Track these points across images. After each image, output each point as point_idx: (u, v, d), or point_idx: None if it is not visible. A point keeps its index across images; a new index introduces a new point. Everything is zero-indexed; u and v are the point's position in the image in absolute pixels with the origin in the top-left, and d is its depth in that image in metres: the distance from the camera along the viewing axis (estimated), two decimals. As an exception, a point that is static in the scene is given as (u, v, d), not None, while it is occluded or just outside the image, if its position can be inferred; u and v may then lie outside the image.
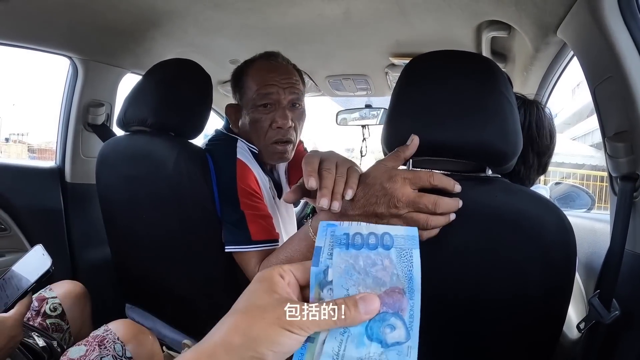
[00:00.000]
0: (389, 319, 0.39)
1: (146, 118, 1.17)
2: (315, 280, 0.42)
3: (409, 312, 0.40)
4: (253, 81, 1.20)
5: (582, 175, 7.31)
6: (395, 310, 0.40)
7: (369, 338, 0.39)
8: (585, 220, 1.23)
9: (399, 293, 0.40)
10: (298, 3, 1.29)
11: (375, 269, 0.41)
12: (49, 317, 1.14)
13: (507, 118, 0.74)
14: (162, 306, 1.35)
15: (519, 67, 1.51)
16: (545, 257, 0.72)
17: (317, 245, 0.43)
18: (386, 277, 0.41)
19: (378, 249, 0.42)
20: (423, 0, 1.23)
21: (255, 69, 1.22)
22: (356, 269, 0.41)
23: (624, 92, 0.80)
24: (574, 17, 0.96)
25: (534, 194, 0.76)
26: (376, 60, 1.78)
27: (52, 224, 1.57)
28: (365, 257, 0.42)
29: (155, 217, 1.20)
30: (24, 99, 12.50)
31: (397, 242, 0.43)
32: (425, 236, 0.70)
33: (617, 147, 0.83)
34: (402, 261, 0.42)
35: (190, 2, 1.31)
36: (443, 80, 0.78)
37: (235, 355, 0.37)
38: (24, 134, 7.99)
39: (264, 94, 1.18)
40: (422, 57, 0.84)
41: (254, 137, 1.23)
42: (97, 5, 1.31)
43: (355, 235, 0.43)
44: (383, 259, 0.42)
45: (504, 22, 1.27)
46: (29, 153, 7.58)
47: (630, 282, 0.81)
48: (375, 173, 0.72)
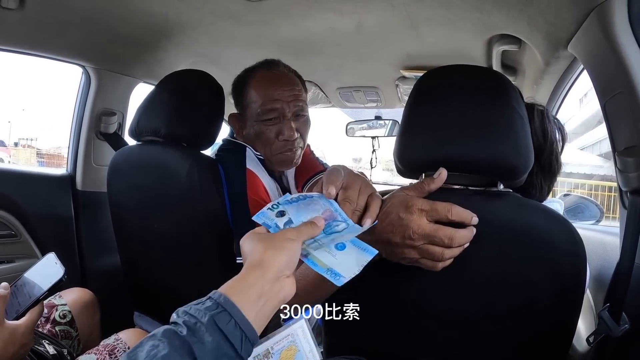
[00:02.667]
0: (332, 223, 0.67)
1: (159, 128, 1.18)
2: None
3: (338, 214, 0.68)
4: (257, 94, 1.20)
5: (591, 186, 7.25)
6: (332, 218, 0.67)
7: (328, 234, 0.65)
8: (595, 233, 1.23)
9: (328, 210, 0.68)
10: (310, 16, 1.30)
11: (313, 206, 0.69)
12: (59, 324, 1.14)
13: (519, 133, 0.75)
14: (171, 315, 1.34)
15: (529, 80, 1.51)
16: (556, 269, 0.72)
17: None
18: (319, 208, 0.68)
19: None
20: (434, 14, 1.24)
21: (257, 80, 1.22)
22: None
23: (634, 107, 0.81)
24: (585, 33, 0.96)
25: (545, 208, 0.76)
26: (387, 72, 1.79)
27: (63, 230, 1.58)
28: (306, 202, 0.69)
29: (166, 227, 1.20)
30: (34, 103, 12.70)
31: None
32: (440, 267, 0.70)
33: (627, 162, 0.83)
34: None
35: (202, 14, 1.32)
36: (455, 96, 0.79)
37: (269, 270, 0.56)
38: (34, 139, 8.06)
39: (269, 109, 1.18)
40: (434, 72, 0.85)
41: (260, 147, 1.23)
42: (111, 17, 1.33)
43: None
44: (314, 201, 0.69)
45: (514, 36, 1.28)
46: (38, 158, 7.64)
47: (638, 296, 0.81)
48: (393, 200, 0.73)
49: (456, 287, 0.76)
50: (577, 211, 1.56)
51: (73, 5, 1.25)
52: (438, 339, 0.81)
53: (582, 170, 8.21)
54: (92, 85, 1.57)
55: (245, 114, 1.24)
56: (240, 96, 1.25)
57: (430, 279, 0.76)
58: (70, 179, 1.63)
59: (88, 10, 1.28)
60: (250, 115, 1.22)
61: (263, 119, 1.19)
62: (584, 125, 8.96)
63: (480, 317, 0.77)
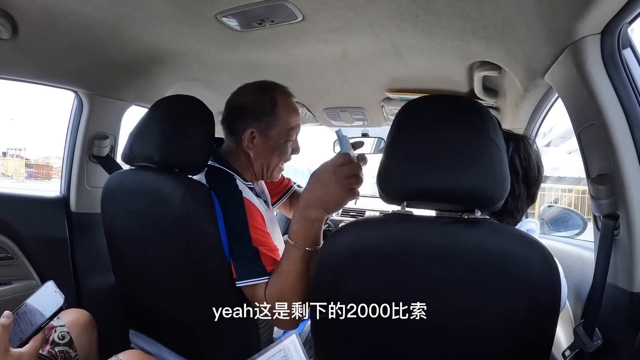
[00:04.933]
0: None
1: (152, 155, 1.20)
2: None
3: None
4: (288, 115, 1.30)
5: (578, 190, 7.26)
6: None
7: None
8: (575, 248, 1.28)
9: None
10: (297, 44, 1.34)
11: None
12: (58, 345, 1.16)
13: (495, 163, 0.78)
14: (167, 334, 1.37)
15: (509, 103, 1.55)
16: (531, 295, 0.76)
17: None
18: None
19: None
20: (416, 42, 1.28)
21: (285, 101, 1.32)
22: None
23: (605, 139, 0.85)
24: (560, 66, 1.00)
25: (521, 235, 0.81)
26: (372, 94, 1.83)
27: (58, 252, 1.59)
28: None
29: (161, 252, 1.22)
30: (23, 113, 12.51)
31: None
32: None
33: (599, 190, 0.88)
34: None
35: (192, 42, 1.35)
36: (433, 127, 0.83)
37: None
38: (22, 149, 7.92)
39: (296, 131, 1.33)
40: (414, 103, 0.89)
41: (262, 160, 1.32)
42: (103, 45, 1.35)
43: None
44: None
45: (494, 63, 1.32)
46: (27, 168, 7.53)
47: (612, 313, 0.86)
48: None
49: (434, 314, 0.80)
50: (562, 221, 1.60)
51: (65, 34, 1.27)
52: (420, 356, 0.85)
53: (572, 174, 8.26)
54: (85, 109, 1.60)
55: (271, 130, 1.30)
56: (271, 114, 1.29)
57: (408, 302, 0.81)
58: (64, 201, 1.65)
59: (80, 39, 1.30)
60: (278, 133, 1.30)
61: (289, 139, 1.32)
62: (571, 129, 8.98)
63: (459, 338, 0.81)
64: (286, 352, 1.14)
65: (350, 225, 0.90)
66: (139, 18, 1.20)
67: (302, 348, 1.14)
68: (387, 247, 0.83)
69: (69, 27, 1.23)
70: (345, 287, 0.85)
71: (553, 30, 0.95)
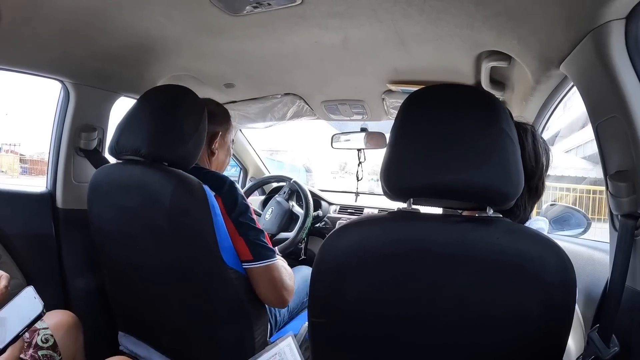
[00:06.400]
0: None
1: (140, 148, 1.15)
2: None
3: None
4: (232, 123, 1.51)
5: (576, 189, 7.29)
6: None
7: None
8: (585, 249, 1.23)
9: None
10: (295, 31, 1.28)
11: None
12: (41, 348, 1.12)
13: (510, 158, 0.74)
14: (157, 336, 1.33)
15: (517, 96, 1.51)
16: (545, 296, 0.72)
17: None
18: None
19: None
20: (423, 30, 1.22)
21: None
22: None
23: (627, 132, 0.80)
24: (579, 54, 0.95)
25: (537, 235, 0.76)
26: (373, 86, 1.78)
27: (44, 250, 1.53)
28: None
29: (151, 249, 1.18)
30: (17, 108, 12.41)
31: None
32: None
33: (619, 187, 0.83)
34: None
35: (184, 28, 1.29)
36: (443, 119, 0.78)
37: None
38: (17, 145, 7.89)
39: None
40: (421, 92, 0.83)
41: (222, 159, 1.48)
42: (90, 31, 1.29)
43: None
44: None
45: (504, 53, 1.27)
46: (21, 164, 7.49)
47: (630, 318, 0.81)
48: None
49: (442, 317, 0.76)
50: (564, 220, 1.56)
51: (51, 20, 1.21)
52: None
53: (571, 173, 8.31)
54: (71, 100, 1.53)
55: (227, 134, 1.47)
56: (228, 121, 1.48)
57: (416, 305, 0.76)
58: (50, 196, 1.59)
59: (66, 25, 1.24)
60: (229, 136, 1.49)
61: (233, 142, 1.53)
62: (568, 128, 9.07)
63: (468, 342, 0.77)
64: (282, 355, 1.12)
65: (352, 224, 0.83)
66: (127, 2, 1.14)
67: (298, 351, 1.12)
68: (393, 247, 0.78)
69: (54, 12, 1.17)
70: (347, 290, 0.79)
71: (574, 15, 0.89)
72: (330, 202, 2.57)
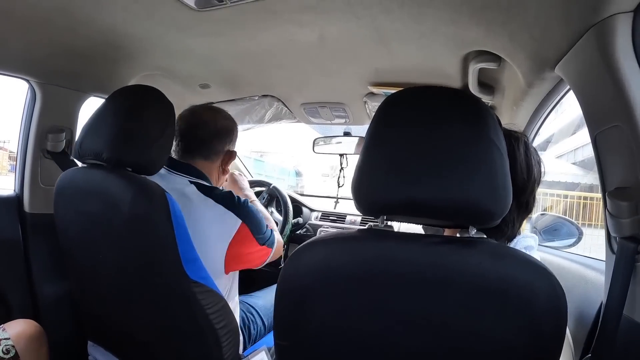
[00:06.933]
0: None
1: (101, 152, 1.09)
2: None
3: None
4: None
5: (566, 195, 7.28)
6: None
7: None
8: (576, 266, 1.19)
9: None
10: (267, 28, 1.23)
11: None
12: (2, 359, 1.10)
13: (497, 171, 0.66)
14: (124, 348, 1.28)
15: (508, 101, 1.44)
16: (534, 327, 0.64)
17: None
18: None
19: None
20: (404, 27, 1.15)
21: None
22: None
23: (632, 144, 0.73)
24: (577, 54, 0.88)
25: (522, 258, 0.68)
26: (354, 88, 1.72)
27: (10, 256, 1.48)
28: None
29: (113, 258, 1.12)
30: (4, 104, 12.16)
31: None
32: None
33: (620, 206, 0.76)
34: None
35: (150, 24, 1.24)
36: (422, 125, 0.69)
37: None
38: (6, 141, 7.79)
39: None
40: (399, 95, 0.75)
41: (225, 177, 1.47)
42: (52, 27, 1.23)
43: None
44: None
45: (494, 53, 1.20)
46: (10, 161, 7.40)
47: (626, 351, 0.76)
48: None
49: (418, 349, 0.68)
50: (555, 230, 1.53)
51: (12, 14, 1.15)
52: None
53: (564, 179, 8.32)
54: (38, 100, 1.47)
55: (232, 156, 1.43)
56: (235, 136, 1.43)
57: (387, 336, 0.69)
58: (17, 200, 1.53)
59: (28, 20, 1.18)
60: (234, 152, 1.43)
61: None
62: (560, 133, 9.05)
63: None
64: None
65: (317, 242, 0.75)
66: None
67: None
68: (361, 269, 0.69)
69: (10, 6, 1.12)
70: (311, 314, 0.72)
71: (574, 8, 0.81)
72: (312, 209, 2.51)
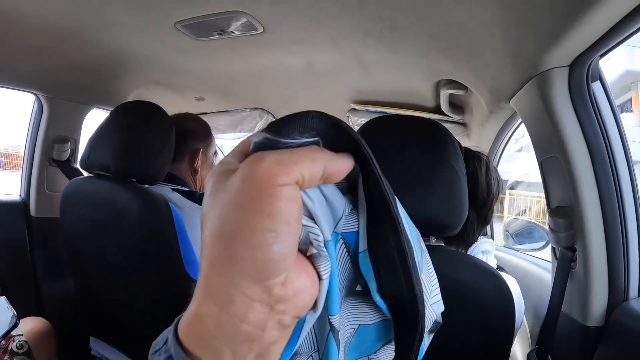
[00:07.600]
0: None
1: (109, 164, 1.17)
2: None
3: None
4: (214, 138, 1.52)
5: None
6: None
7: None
8: (536, 268, 1.29)
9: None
10: (261, 54, 1.32)
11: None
12: (16, 354, 1.15)
13: (454, 191, 0.74)
14: (128, 342, 1.36)
15: (475, 121, 1.54)
16: (485, 321, 0.74)
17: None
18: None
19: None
20: (381, 57, 1.26)
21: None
22: None
23: (566, 172, 0.84)
24: (525, 94, 0.97)
25: (476, 264, 0.78)
26: (338, 104, 1.81)
27: (17, 258, 1.56)
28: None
29: (120, 263, 1.20)
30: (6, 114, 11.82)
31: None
32: None
33: (558, 222, 0.87)
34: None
35: (154, 48, 1.33)
36: (389, 149, 0.76)
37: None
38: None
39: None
40: (378, 122, 0.83)
41: (204, 176, 1.48)
42: (62, 47, 1.31)
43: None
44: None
45: (461, 82, 1.29)
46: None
47: (566, 344, 0.87)
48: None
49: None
50: (528, 233, 1.59)
51: (23, 37, 1.23)
52: None
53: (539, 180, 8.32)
54: (45, 112, 1.56)
55: (209, 149, 1.49)
56: (209, 136, 1.50)
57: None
58: (23, 205, 1.61)
59: (39, 41, 1.26)
60: (211, 151, 1.51)
61: (215, 156, 1.52)
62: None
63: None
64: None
65: None
66: (97, 23, 1.17)
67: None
68: None
69: (26, 30, 1.19)
70: None
71: (519, 59, 0.92)
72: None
